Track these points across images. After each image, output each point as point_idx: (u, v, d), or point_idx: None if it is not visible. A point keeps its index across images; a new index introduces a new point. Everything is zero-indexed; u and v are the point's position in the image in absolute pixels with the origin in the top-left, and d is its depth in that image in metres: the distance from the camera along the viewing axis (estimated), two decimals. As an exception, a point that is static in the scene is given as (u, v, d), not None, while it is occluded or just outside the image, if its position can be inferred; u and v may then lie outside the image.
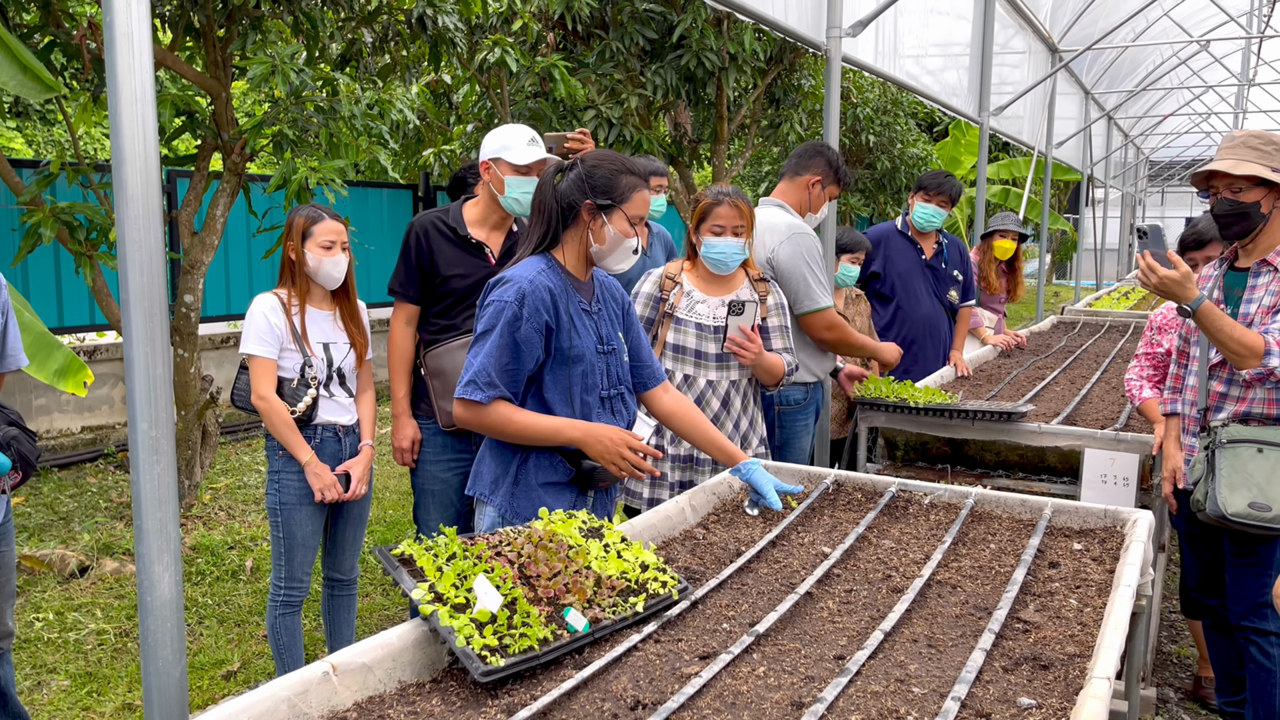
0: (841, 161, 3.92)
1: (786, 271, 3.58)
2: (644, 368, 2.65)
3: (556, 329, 2.37)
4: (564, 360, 2.40)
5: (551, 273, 2.41)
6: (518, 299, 2.32)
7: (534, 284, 2.34)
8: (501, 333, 2.32)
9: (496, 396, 2.33)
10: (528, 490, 2.43)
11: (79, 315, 7.45)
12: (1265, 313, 2.93)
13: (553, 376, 2.40)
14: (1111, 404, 4.27)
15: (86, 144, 15.49)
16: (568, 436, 2.37)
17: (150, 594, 1.61)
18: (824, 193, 3.84)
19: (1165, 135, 22.23)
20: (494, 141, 3.18)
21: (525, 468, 2.44)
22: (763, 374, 3.26)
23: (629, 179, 2.43)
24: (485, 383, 2.32)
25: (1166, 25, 12.39)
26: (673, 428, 2.69)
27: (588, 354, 2.43)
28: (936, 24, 7.31)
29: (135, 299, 1.55)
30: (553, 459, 2.44)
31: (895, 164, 13.60)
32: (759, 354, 3.17)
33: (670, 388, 2.70)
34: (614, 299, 2.61)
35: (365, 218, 9.60)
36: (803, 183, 3.84)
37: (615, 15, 7.75)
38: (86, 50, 4.69)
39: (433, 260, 3.24)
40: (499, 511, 2.44)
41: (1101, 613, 1.88)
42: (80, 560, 4.83)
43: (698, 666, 1.63)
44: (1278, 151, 2.89)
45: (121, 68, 1.47)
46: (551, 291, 2.37)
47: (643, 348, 2.65)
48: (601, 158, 2.45)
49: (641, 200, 2.44)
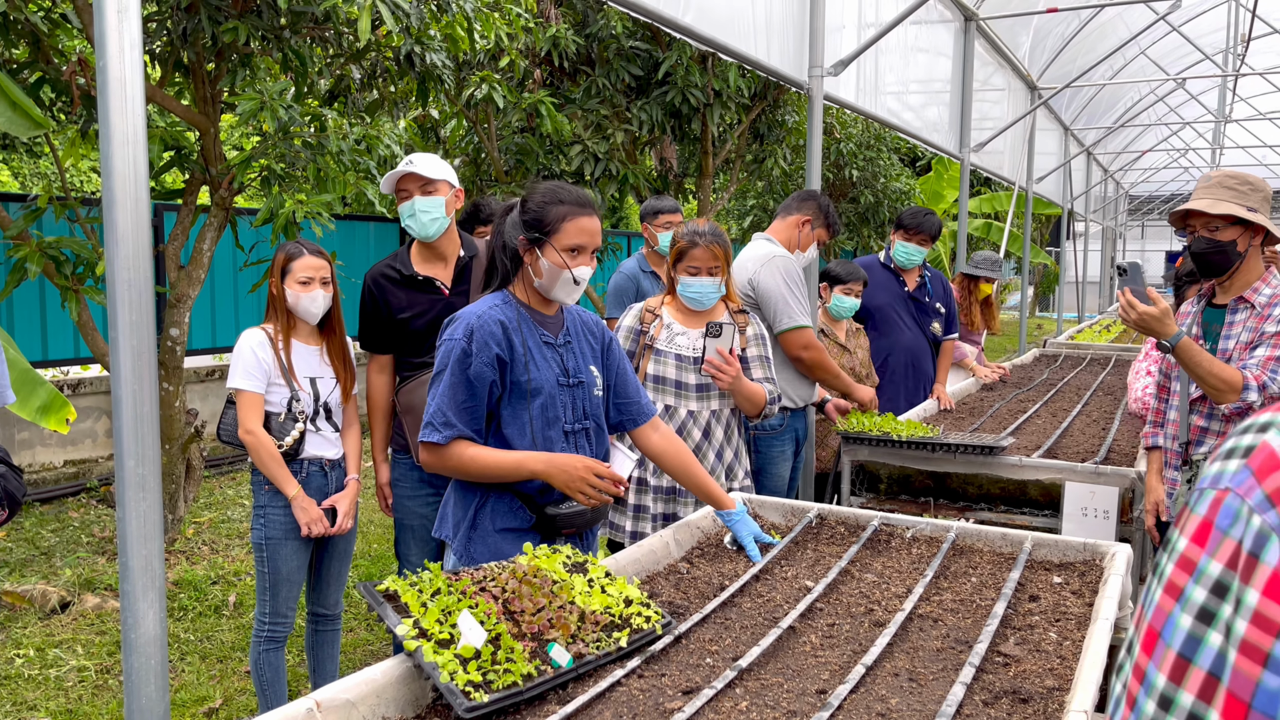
0: (833, 209, 4.08)
1: (766, 291, 3.69)
2: (631, 404, 2.61)
3: (510, 361, 2.33)
4: (521, 394, 2.35)
5: (506, 307, 2.38)
6: (465, 335, 2.31)
7: (482, 318, 2.33)
8: (453, 371, 2.30)
9: (455, 436, 2.30)
10: (484, 536, 2.39)
11: (63, 348, 7.43)
12: (1243, 348, 2.99)
13: (510, 411, 2.36)
14: (1092, 437, 4.31)
15: (73, 177, 15.49)
16: (530, 469, 2.32)
17: (134, 631, 1.61)
18: (813, 233, 4.01)
19: (1144, 170, 22.56)
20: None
21: (483, 512, 2.39)
22: (743, 402, 3.27)
23: (557, 209, 2.35)
24: (441, 423, 2.29)
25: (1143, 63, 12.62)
26: (661, 466, 2.66)
27: (547, 386, 2.37)
28: (917, 62, 7.43)
29: (124, 337, 1.57)
30: (512, 504, 2.39)
31: (879, 198, 13.73)
32: (736, 377, 3.15)
33: (660, 425, 2.66)
34: (591, 334, 2.57)
35: (352, 251, 9.63)
36: (794, 221, 4.02)
37: (601, 52, 7.84)
38: (75, 86, 4.72)
39: (388, 307, 3.28)
40: (456, 556, 2.41)
41: (1080, 646, 1.90)
42: (61, 596, 4.79)
43: (681, 701, 1.64)
44: (1253, 191, 2.95)
45: (114, 111, 1.50)
46: (504, 324, 2.34)
47: (629, 384, 2.62)
48: (538, 190, 2.40)
49: (575, 229, 2.35)
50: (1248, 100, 15.78)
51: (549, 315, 2.47)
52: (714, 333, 3.14)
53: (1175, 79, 11.23)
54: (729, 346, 3.15)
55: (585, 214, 2.38)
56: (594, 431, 2.51)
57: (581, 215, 2.37)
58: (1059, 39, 10.77)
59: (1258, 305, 2.99)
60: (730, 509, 2.55)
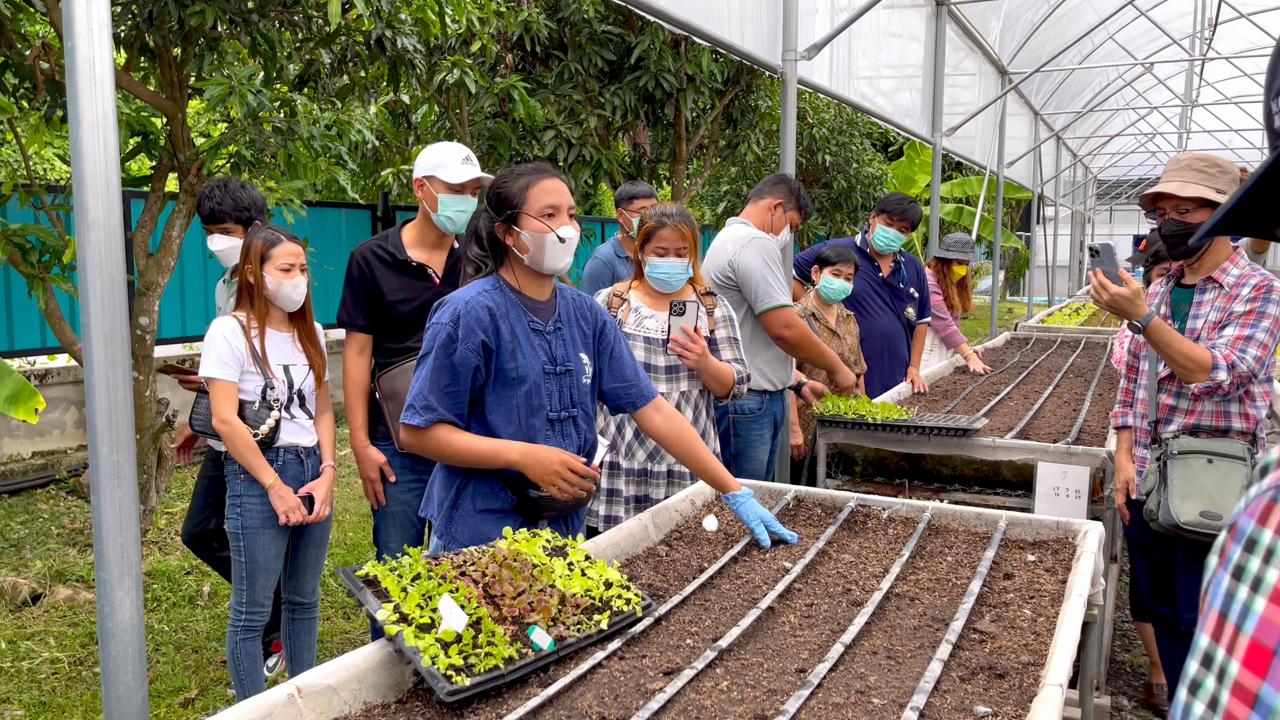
0: (804, 192, 4.10)
1: (746, 272, 3.71)
2: (630, 387, 2.59)
3: (497, 349, 2.33)
4: (506, 381, 2.35)
5: (496, 293, 2.38)
6: (452, 320, 2.30)
7: (470, 304, 2.32)
8: (437, 355, 2.30)
9: (435, 420, 2.30)
10: (465, 516, 2.39)
11: (30, 339, 7.32)
12: (1211, 328, 3.03)
13: (495, 398, 2.36)
14: (1064, 418, 4.36)
15: (38, 164, 15.24)
16: (506, 459, 2.32)
17: (111, 619, 1.60)
18: (785, 216, 4.03)
19: (1112, 155, 22.77)
20: (428, 160, 3.20)
21: (465, 493, 2.40)
22: (711, 381, 3.27)
23: (519, 181, 2.37)
24: (423, 406, 2.30)
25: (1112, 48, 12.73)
26: (665, 448, 2.63)
27: (532, 374, 2.37)
28: (889, 46, 7.45)
29: (96, 323, 1.55)
30: (494, 486, 2.39)
31: (851, 183, 13.80)
32: (702, 355, 3.15)
33: (664, 406, 2.62)
34: (584, 319, 2.55)
35: (324, 238, 9.55)
36: (766, 205, 4.04)
37: (574, 37, 7.81)
38: (40, 71, 4.64)
39: (377, 288, 3.25)
40: (438, 535, 2.42)
41: (1055, 622, 1.93)
42: (32, 588, 4.74)
43: (662, 682, 1.65)
44: (1221, 174, 2.99)
45: (83, 94, 1.48)
46: (491, 310, 2.34)
47: (626, 366, 2.59)
48: (496, 179, 2.42)
49: (542, 191, 2.35)
50: (1214, 85, 15.95)
51: (540, 301, 2.46)
52: (678, 311, 3.15)
53: (1143, 64, 11.33)
54: (693, 324, 3.16)
55: (547, 177, 2.39)
56: (581, 419, 2.50)
57: (544, 178, 2.38)
58: (1029, 24, 10.84)
59: (1226, 285, 3.03)
60: (735, 491, 2.51)
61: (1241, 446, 2.99)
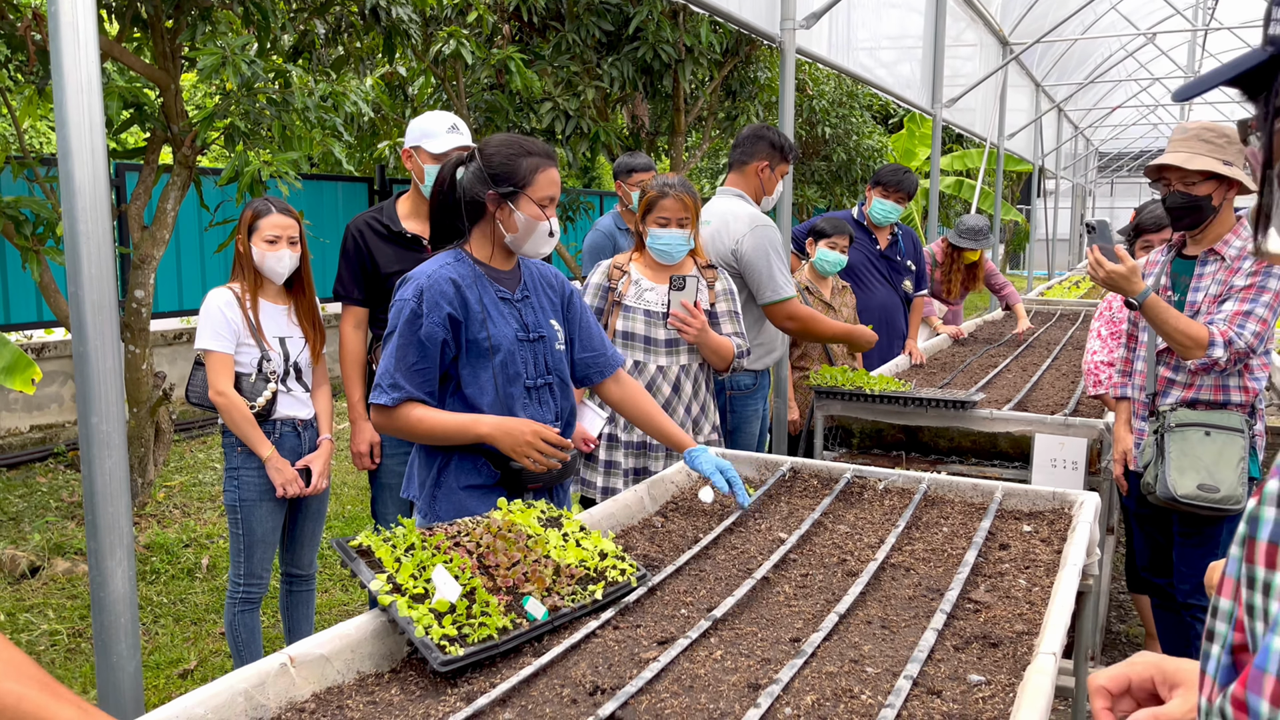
0: (782, 137, 3.92)
1: (751, 263, 3.64)
2: (597, 356, 2.58)
3: (466, 320, 2.30)
4: (480, 352, 2.32)
5: (459, 264, 2.34)
6: (415, 295, 2.26)
7: (433, 278, 2.28)
8: (402, 332, 2.26)
9: (403, 399, 2.26)
10: (449, 494, 2.37)
11: (26, 312, 7.30)
12: (1211, 301, 3.01)
13: (470, 370, 2.33)
14: (1061, 390, 4.35)
15: (32, 138, 15.15)
16: (476, 433, 2.28)
17: (103, 589, 1.60)
18: (774, 174, 3.89)
19: (1114, 127, 22.63)
20: (415, 129, 3.18)
21: (447, 470, 2.37)
22: (711, 355, 3.26)
23: (529, 161, 2.32)
24: (390, 385, 2.26)
25: (1114, 18, 12.62)
26: (624, 416, 2.65)
27: (505, 343, 2.34)
28: (889, 16, 7.38)
29: (85, 290, 1.53)
30: (476, 461, 2.36)
31: (851, 156, 13.73)
32: (702, 330, 3.15)
33: (622, 376, 2.63)
34: (550, 287, 2.53)
35: (320, 211, 9.51)
36: (752, 170, 3.88)
37: (571, 7, 7.73)
38: (31, 42, 4.59)
39: (372, 260, 3.23)
40: (422, 515, 2.39)
41: (1049, 591, 1.93)
42: (31, 561, 4.75)
43: (656, 651, 1.65)
44: (1229, 144, 2.94)
45: (67, 58, 1.45)
46: (456, 282, 2.29)
47: (593, 337, 2.59)
48: (499, 143, 2.35)
49: (547, 180, 2.34)
50: (1217, 56, 15.82)
51: (505, 271, 2.43)
52: (678, 286, 3.13)
53: (1145, 34, 11.24)
54: (693, 299, 3.15)
55: (553, 165, 2.38)
56: (557, 386, 2.47)
57: (551, 166, 2.36)
58: (1031, -6, 10.75)
59: (1228, 258, 3.01)
60: (691, 447, 2.52)
61: (1239, 419, 2.99)
